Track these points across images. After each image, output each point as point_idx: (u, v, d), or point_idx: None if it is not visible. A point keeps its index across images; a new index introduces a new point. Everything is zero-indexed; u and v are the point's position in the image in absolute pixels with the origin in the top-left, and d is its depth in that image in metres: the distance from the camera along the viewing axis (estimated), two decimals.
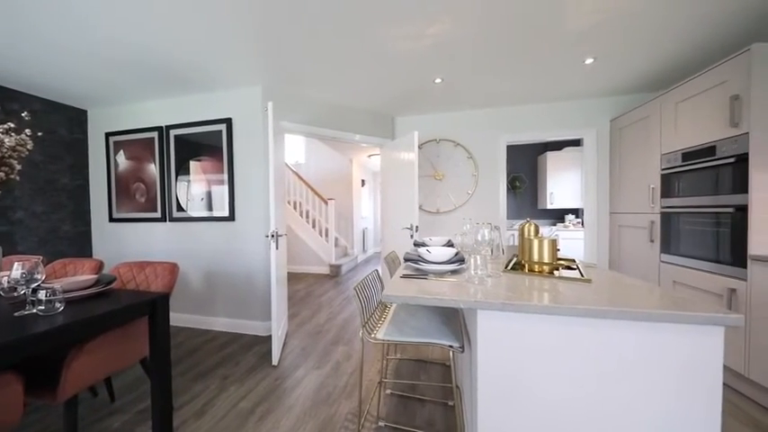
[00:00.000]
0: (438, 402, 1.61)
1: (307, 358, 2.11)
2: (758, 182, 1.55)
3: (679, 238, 2.03)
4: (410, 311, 1.30)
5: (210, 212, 2.65)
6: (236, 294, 2.59)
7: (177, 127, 2.72)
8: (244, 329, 2.56)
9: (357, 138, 3.13)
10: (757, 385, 1.56)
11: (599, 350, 0.78)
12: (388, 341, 1.11)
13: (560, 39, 1.89)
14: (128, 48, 1.91)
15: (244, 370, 1.95)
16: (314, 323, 2.79)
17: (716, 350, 0.71)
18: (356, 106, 3.07)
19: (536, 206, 4.87)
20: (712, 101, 1.78)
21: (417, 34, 1.81)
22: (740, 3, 1.57)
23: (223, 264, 2.63)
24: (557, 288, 0.96)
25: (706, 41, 1.93)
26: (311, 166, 6.08)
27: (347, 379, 1.84)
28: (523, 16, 1.66)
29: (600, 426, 0.78)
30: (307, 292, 3.92)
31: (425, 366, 1.99)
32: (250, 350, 2.24)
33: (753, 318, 1.55)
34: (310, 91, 2.66)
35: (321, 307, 3.28)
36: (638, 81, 2.53)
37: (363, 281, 1.24)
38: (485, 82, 2.53)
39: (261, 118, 2.49)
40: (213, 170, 2.64)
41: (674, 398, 0.73)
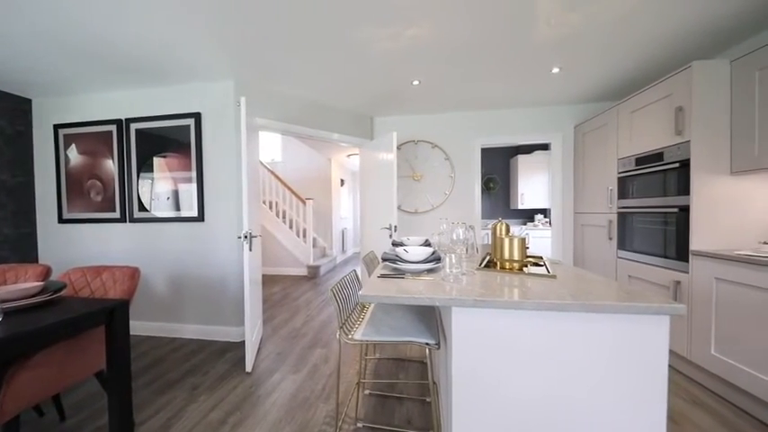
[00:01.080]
0: (416, 400, 1.63)
1: (283, 363, 2.05)
2: (698, 185, 1.74)
3: (633, 235, 2.22)
4: (387, 311, 1.31)
5: (178, 212, 2.49)
6: (207, 299, 2.46)
7: (139, 120, 2.53)
8: (215, 336, 2.44)
9: (335, 137, 3.09)
10: (697, 366, 1.75)
11: (564, 341, 0.83)
12: (365, 341, 1.10)
13: (530, 49, 2.00)
14: (78, 32, 1.74)
15: (214, 378, 1.86)
16: (290, 326, 2.72)
17: (662, 336, 0.79)
18: (335, 105, 3.03)
19: (509, 206, 5.10)
20: (660, 111, 1.97)
21: (396, 35, 1.82)
22: (681, 24, 1.75)
23: (192, 267, 2.48)
24: (525, 284, 1.01)
25: (656, 57, 2.13)
26: (288, 164, 5.92)
27: (325, 382, 1.81)
28: (496, 26, 1.73)
29: (567, 410, 0.83)
30: (283, 294, 3.81)
31: (404, 365, 2.01)
32: (222, 357, 2.14)
33: (694, 307, 1.73)
34: (287, 87, 2.59)
35: (298, 309, 3.20)
36: (598, 90, 2.73)
37: (341, 282, 1.23)
38: (461, 86, 2.61)
39: (233, 113, 2.38)
40: (180, 167, 2.48)
41: (629, 380, 0.80)
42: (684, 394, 1.66)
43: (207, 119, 2.43)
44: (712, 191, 1.72)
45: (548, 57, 2.12)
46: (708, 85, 1.73)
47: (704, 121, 1.73)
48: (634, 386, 0.80)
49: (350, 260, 6.52)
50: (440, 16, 1.66)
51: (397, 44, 1.92)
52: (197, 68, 2.20)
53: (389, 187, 2.89)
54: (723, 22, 1.74)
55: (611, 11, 1.62)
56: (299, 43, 1.89)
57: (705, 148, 1.73)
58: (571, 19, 1.68)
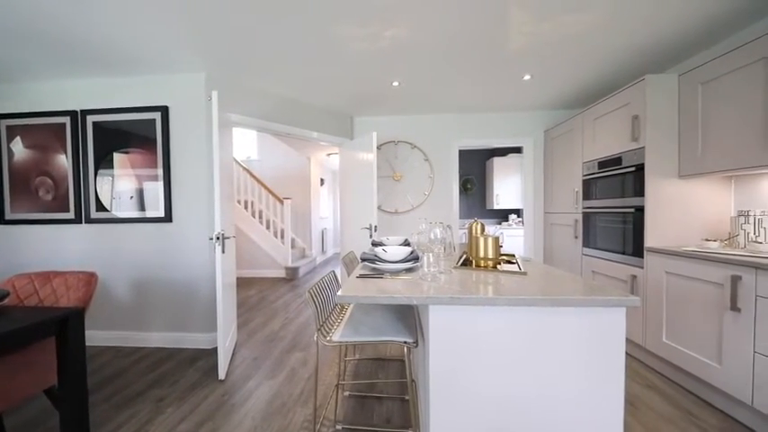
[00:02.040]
0: (395, 398, 1.64)
1: (259, 368, 1.98)
2: (651, 187, 1.90)
3: (596, 234, 2.38)
4: (366, 311, 1.31)
5: (142, 212, 2.33)
6: (175, 305, 2.32)
7: (97, 113, 2.33)
8: (184, 343, 2.30)
9: (315, 135, 3.04)
10: (651, 353, 1.92)
11: (534, 334, 0.88)
12: (343, 342, 1.10)
13: (504, 55, 2.08)
14: (23, 12, 1.57)
15: (184, 388, 1.76)
16: (267, 330, 2.63)
17: (619, 326, 0.85)
18: (314, 103, 2.98)
19: (485, 206, 5.28)
20: (619, 119, 2.13)
21: (375, 36, 1.82)
22: (638, 40, 1.90)
23: (158, 270, 2.33)
24: (499, 281, 1.05)
25: (615, 69, 2.30)
26: (265, 163, 5.73)
27: (303, 386, 1.77)
28: (471, 32, 1.79)
29: (538, 398, 0.88)
30: (260, 297, 3.68)
31: (383, 364, 2.02)
32: (192, 365, 2.02)
33: (648, 298, 1.89)
34: (263, 83, 2.50)
35: (276, 313, 3.11)
36: (566, 98, 2.90)
37: (319, 283, 1.21)
38: (439, 89, 2.67)
39: (204, 108, 2.27)
40: (145, 164, 2.32)
41: (591, 368, 0.86)
42: (640, 379, 1.81)
43: (175, 113, 2.29)
44: (663, 192, 1.89)
45: (520, 64, 2.22)
46: (659, 97, 1.90)
47: (656, 129, 1.90)
48: (596, 373, 0.86)
49: (330, 261, 6.44)
50: (417, 19, 1.68)
51: (377, 45, 1.92)
52: (164, 59, 2.07)
53: (369, 187, 2.89)
54: (673, 39, 1.91)
55: (576, 24, 1.73)
56: (276, 38, 1.84)
57: (657, 154, 1.90)
58: (541, 29, 1.78)
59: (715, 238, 1.81)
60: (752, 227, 1.57)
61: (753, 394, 1.34)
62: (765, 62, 1.45)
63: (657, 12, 1.64)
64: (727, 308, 1.43)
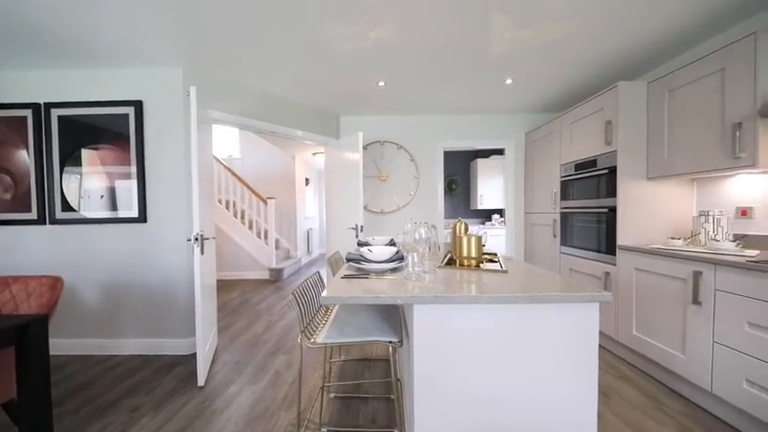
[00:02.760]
0: (381, 398, 1.65)
1: (241, 373, 1.92)
2: (622, 188, 2.01)
3: (573, 233, 2.49)
4: (351, 311, 1.31)
5: (114, 212, 2.20)
6: (151, 309, 2.21)
7: (63, 106, 2.19)
8: (160, 350, 2.20)
9: (300, 134, 2.99)
10: (623, 345, 2.03)
11: (515, 329, 0.90)
12: (328, 344, 1.09)
13: (486, 60, 2.13)
14: None
15: (161, 396, 1.68)
16: (250, 334, 2.56)
17: (593, 321, 0.90)
18: (299, 101, 2.93)
19: (469, 207, 5.39)
20: (594, 123, 2.24)
21: (360, 35, 1.82)
22: (611, 48, 2.01)
23: (132, 274, 2.21)
24: (482, 280, 1.08)
25: (591, 75, 2.41)
26: (247, 161, 5.57)
27: (287, 389, 1.74)
28: (455, 35, 1.82)
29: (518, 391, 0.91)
30: (242, 300, 3.58)
31: (370, 364, 2.02)
32: (169, 372, 1.94)
33: (620, 293, 2.00)
34: (246, 80, 2.44)
35: (259, 315, 3.03)
36: (545, 102, 3.01)
37: (303, 284, 1.20)
38: (424, 90, 2.69)
39: (182, 104, 2.18)
40: (117, 161, 2.20)
41: (567, 360, 0.90)
42: (613, 370, 1.90)
43: (150, 108, 2.19)
44: (633, 193, 2.01)
45: (502, 68, 2.28)
46: (630, 103, 2.01)
47: (627, 133, 2.01)
48: (572, 366, 0.90)
49: (316, 261, 6.36)
50: (402, 20, 1.69)
51: (362, 44, 1.92)
52: (138, 51, 1.97)
53: (355, 187, 2.88)
54: (644, 49, 2.03)
55: (555, 32, 1.80)
56: (259, 34, 1.79)
57: (628, 157, 2.01)
58: (522, 35, 1.83)
59: (679, 236, 1.94)
60: (711, 226, 1.69)
61: (712, 381, 1.44)
62: (723, 73, 1.57)
63: (628, 23, 1.73)
64: (689, 301, 1.54)
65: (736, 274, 1.34)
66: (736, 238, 1.70)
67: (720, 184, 1.87)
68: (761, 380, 1.25)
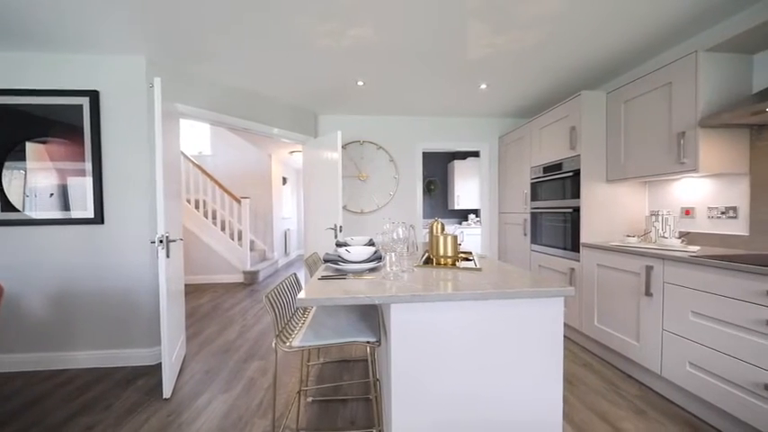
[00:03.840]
0: (360, 399, 1.64)
1: (212, 382, 1.83)
2: (585, 190, 2.15)
3: (542, 232, 2.63)
4: (329, 313, 1.29)
5: (66, 213, 2.01)
6: (109, 318, 2.04)
7: (2, 93, 1.96)
8: (121, 361, 2.04)
9: (276, 132, 2.90)
10: (586, 336, 2.17)
11: (488, 325, 0.94)
12: (305, 347, 1.06)
13: (462, 64, 2.20)
14: None
15: (120, 411, 1.55)
16: (222, 340, 2.44)
17: (558, 313, 0.96)
18: (275, 98, 2.84)
19: (447, 207, 5.52)
20: (560, 129, 2.39)
21: (338, 33, 1.80)
22: (576, 59, 2.15)
23: (87, 280, 2.02)
24: (457, 277, 1.11)
25: (558, 84, 2.57)
26: (220, 159, 5.31)
27: (262, 396, 1.68)
28: (432, 39, 1.86)
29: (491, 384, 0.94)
30: (214, 305, 3.41)
31: (349, 365, 2.00)
32: (130, 385, 1.80)
33: (583, 288, 2.14)
34: (218, 73, 2.32)
35: (232, 320, 2.90)
36: (518, 107, 3.16)
37: (278, 287, 1.16)
38: (403, 92, 2.72)
39: (145, 96, 2.03)
40: (69, 157, 2.00)
41: (535, 351, 0.95)
42: (577, 359, 2.04)
43: (109, 99, 2.02)
44: (595, 195, 2.16)
45: (477, 73, 2.36)
46: (592, 111, 2.16)
47: (589, 139, 2.16)
48: (540, 356, 0.95)
49: (294, 263, 6.20)
50: (380, 21, 1.70)
51: (341, 43, 1.90)
52: (93, 35, 1.80)
53: (334, 187, 2.85)
54: (605, 61, 2.19)
55: (526, 40, 1.89)
56: (231, 26, 1.72)
57: (590, 161, 2.16)
58: (496, 41, 1.91)
59: (634, 234, 2.12)
60: (660, 224, 1.87)
61: (662, 366, 1.59)
62: (670, 86, 1.74)
63: (591, 36, 1.87)
64: (642, 293, 1.69)
65: (681, 267, 1.49)
66: (681, 236, 1.89)
67: (668, 187, 2.06)
68: (702, 362, 1.40)
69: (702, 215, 1.86)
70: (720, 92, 1.60)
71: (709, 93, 1.59)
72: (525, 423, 0.96)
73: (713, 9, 1.62)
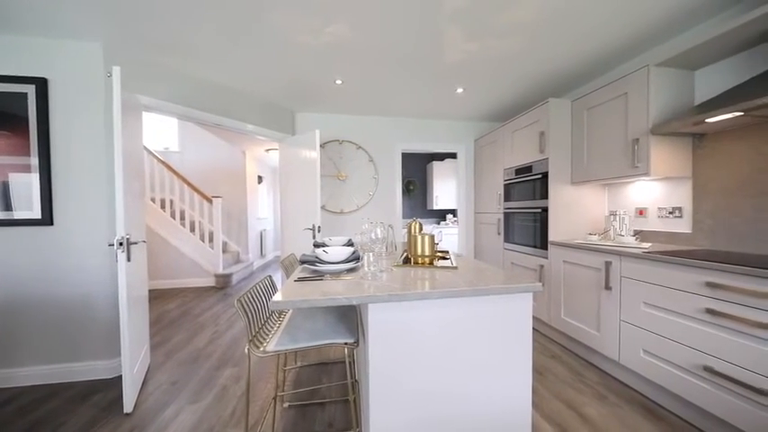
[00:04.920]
0: (339, 401, 1.62)
1: (179, 393, 1.72)
2: (553, 192, 2.29)
3: (514, 231, 2.76)
4: (306, 316, 1.26)
5: (8, 213, 1.80)
6: (61, 329, 1.86)
7: None
8: (75, 376, 1.86)
9: (250, 128, 2.79)
10: (554, 329, 2.31)
11: (462, 321, 0.97)
12: (280, 351, 1.03)
13: (439, 68, 2.25)
14: None
15: (74, 430, 1.42)
16: (191, 348, 2.31)
17: (527, 308, 1.01)
18: (251, 93, 2.73)
19: (426, 207, 5.61)
20: (530, 134, 2.51)
21: (316, 30, 1.77)
22: (545, 67, 2.27)
23: (33, 287, 1.83)
24: (434, 276, 1.13)
25: (529, 90, 2.70)
26: (188, 155, 5.02)
27: (236, 404, 1.61)
28: (411, 42, 1.88)
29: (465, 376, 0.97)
30: (182, 310, 3.21)
31: (328, 368, 1.97)
32: (86, 401, 1.65)
33: (551, 283, 2.27)
34: (188, 65, 2.19)
35: (202, 327, 2.75)
36: (492, 111, 3.29)
37: (252, 290, 1.12)
38: (382, 92, 2.73)
39: (103, 86, 1.87)
40: (10, 150, 1.80)
41: (506, 344, 0.99)
42: (546, 351, 2.16)
43: (59, 88, 1.83)
44: (561, 196, 2.30)
45: (454, 77, 2.43)
46: (559, 117, 2.30)
47: (557, 144, 2.30)
48: (510, 350, 1.00)
49: (270, 265, 6.00)
50: (359, 19, 1.69)
51: (318, 39, 1.87)
52: (40, 16, 1.63)
53: (313, 186, 2.79)
54: (571, 70, 2.34)
55: (499, 48, 1.97)
56: (203, 14, 1.63)
57: (557, 164, 2.30)
58: (471, 47, 1.98)
59: (595, 232, 2.28)
60: (618, 223, 2.03)
61: (619, 353, 1.72)
62: (626, 97, 1.89)
63: (558, 46, 1.99)
64: (603, 287, 1.82)
65: (635, 263, 1.63)
66: (636, 234, 2.06)
67: (624, 189, 2.25)
68: (653, 349, 1.54)
69: (653, 215, 2.05)
70: (668, 103, 1.76)
71: (659, 103, 1.75)
72: (498, 415, 1.00)
73: (664, 27, 1.79)
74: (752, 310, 1.17)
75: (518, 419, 1.01)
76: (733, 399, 1.22)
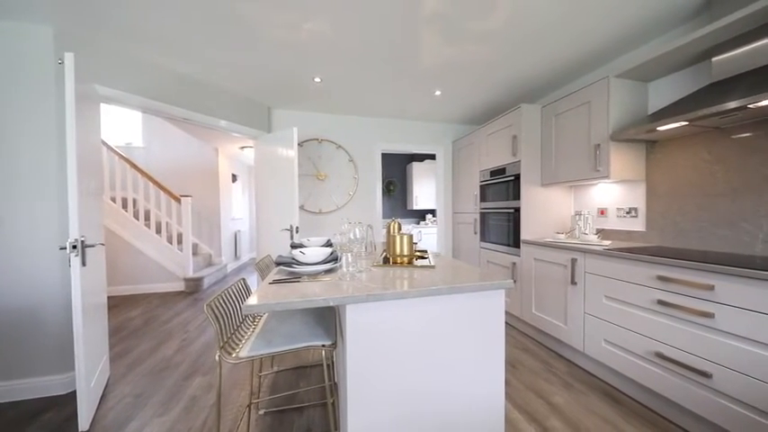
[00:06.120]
0: (317, 405, 1.59)
1: (144, 406, 1.61)
2: (524, 193, 2.40)
3: (490, 230, 2.86)
4: (282, 319, 1.23)
5: None
6: (3, 342, 1.66)
7: None
8: (21, 393, 1.67)
9: (223, 124, 2.67)
10: (526, 323, 2.42)
11: (439, 319, 0.99)
12: (254, 357, 1.00)
13: (417, 70, 2.28)
14: None
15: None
16: (157, 358, 2.16)
17: (500, 304, 1.05)
18: (223, 87, 2.61)
19: (406, 207, 5.67)
20: (504, 137, 2.62)
21: (294, 25, 1.73)
22: (518, 74, 2.38)
23: None
24: (412, 275, 1.15)
25: (503, 95, 2.81)
26: (154, 151, 4.69)
27: (207, 414, 1.53)
28: (390, 43, 1.89)
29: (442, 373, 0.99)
30: (147, 318, 3.00)
31: (306, 372, 1.93)
32: (35, 421, 1.49)
33: (523, 280, 2.38)
34: (155, 55, 2.05)
35: (169, 334, 2.59)
36: (469, 114, 3.39)
37: (223, 294, 1.07)
38: (361, 92, 2.72)
39: (54, 74, 1.71)
40: None
41: (481, 339, 1.03)
42: (519, 345, 2.26)
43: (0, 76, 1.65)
44: (532, 197, 2.42)
45: (432, 80, 2.48)
46: (530, 122, 2.42)
47: (528, 147, 2.42)
48: (484, 344, 1.03)
49: (245, 267, 5.76)
50: (337, 17, 1.68)
51: (296, 35, 1.83)
52: None
53: (290, 185, 2.72)
54: (542, 78, 2.47)
55: (475, 53, 2.04)
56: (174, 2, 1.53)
57: (529, 166, 2.42)
58: (448, 51, 2.02)
59: (563, 231, 2.43)
60: (582, 223, 2.17)
61: (584, 344, 1.85)
62: (589, 105, 2.03)
63: (529, 53, 2.09)
64: (569, 282, 1.94)
65: (597, 259, 1.75)
66: (598, 232, 2.22)
67: (588, 191, 2.41)
68: (613, 338, 1.66)
69: (613, 214, 2.21)
70: (626, 111, 1.92)
71: (618, 112, 1.90)
72: (473, 408, 1.03)
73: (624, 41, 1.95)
74: (695, 300, 1.30)
75: (492, 411, 1.05)
76: (680, 381, 1.35)
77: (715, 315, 1.23)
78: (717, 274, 1.22)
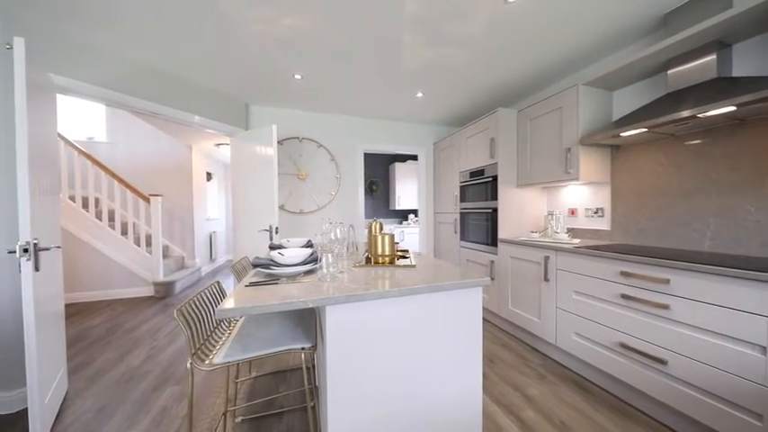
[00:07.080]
0: (297, 409, 1.56)
1: (108, 420, 1.50)
2: (501, 193, 2.49)
3: (469, 229, 2.94)
4: (260, 322, 1.19)
5: None
6: None
7: None
8: None
9: (197, 120, 2.54)
10: (503, 318, 2.51)
11: (419, 317, 1.00)
12: (228, 363, 0.96)
13: (399, 72, 2.30)
14: None
15: None
16: (122, 368, 2.02)
17: (478, 301, 1.08)
18: (198, 81, 2.49)
19: (388, 207, 5.69)
20: (482, 140, 2.70)
21: (272, 20, 1.69)
22: (496, 79, 2.46)
23: None
24: (393, 275, 1.15)
25: (481, 99, 2.90)
26: (121, 148, 4.39)
27: (179, 425, 1.45)
28: (371, 42, 1.89)
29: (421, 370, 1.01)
30: (110, 326, 2.80)
31: (286, 376, 1.89)
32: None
33: (500, 277, 2.47)
34: (121, 44, 1.92)
35: (136, 343, 2.43)
36: (449, 116, 3.46)
37: (196, 298, 1.02)
38: (343, 91, 2.70)
39: (2, 61, 1.55)
40: None
41: (459, 335, 1.06)
42: (496, 340, 2.34)
43: None
44: (508, 197, 2.52)
45: (413, 82, 2.50)
46: (506, 125, 2.51)
47: (504, 150, 2.51)
48: (462, 340, 1.06)
49: (221, 270, 5.53)
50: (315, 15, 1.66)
51: (275, 30, 1.78)
52: None
53: (269, 185, 2.65)
54: (517, 82, 2.57)
55: (455, 56, 2.09)
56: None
57: (505, 168, 2.51)
58: (428, 54, 2.06)
59: (537, 230, 2.54)
60: (554, 222, 2.29)
61: (556, 337, 1.94)
62: (560, 110, 2.14)
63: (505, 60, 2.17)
64: (542, 279, 2.03)
65: (568, 257, 1.85)
66: (568, 231, 2.34)
67: (560, 192, 2.54)
68: (582, 331, 1.76)
69: (582, 214, 2.35)
70: (594, 118, 2.04)
71: (586, 117, 2.02)
72: (452, 403, 1.05)
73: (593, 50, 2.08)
74: (653, 293, 1.40)
75: (470, 406, 1.08)
76: (641, 369, 1.46)
77: (670, 306, 1.34)
78: (671, 269, 1.33)
